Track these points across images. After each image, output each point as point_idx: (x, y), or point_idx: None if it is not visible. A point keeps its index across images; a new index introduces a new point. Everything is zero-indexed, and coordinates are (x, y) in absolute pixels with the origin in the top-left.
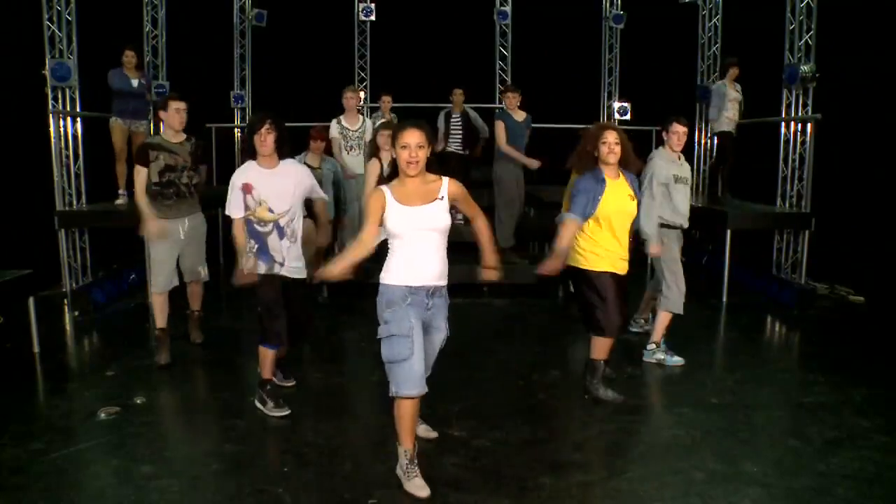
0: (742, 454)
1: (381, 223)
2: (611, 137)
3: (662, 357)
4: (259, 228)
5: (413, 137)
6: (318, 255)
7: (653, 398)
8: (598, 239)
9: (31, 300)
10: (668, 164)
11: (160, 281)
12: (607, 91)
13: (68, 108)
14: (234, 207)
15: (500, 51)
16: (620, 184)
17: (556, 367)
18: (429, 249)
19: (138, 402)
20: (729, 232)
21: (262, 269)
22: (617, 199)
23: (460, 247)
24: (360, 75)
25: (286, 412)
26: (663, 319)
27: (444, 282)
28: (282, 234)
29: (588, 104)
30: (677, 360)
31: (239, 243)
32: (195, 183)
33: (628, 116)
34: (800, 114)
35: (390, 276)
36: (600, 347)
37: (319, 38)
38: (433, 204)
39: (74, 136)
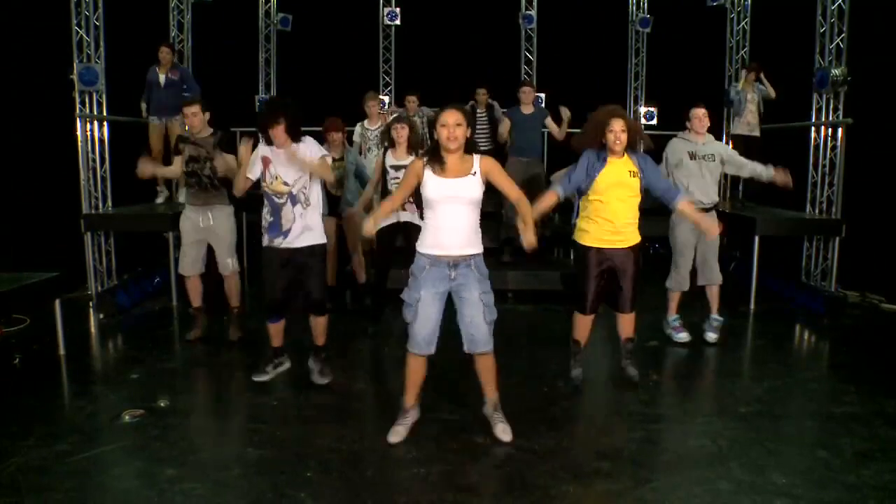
0: (770, 465)
1: (413, 191)
2: (617, 126)
3: (669, 332)
4: (276, 200)
5: (451, 117)
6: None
7: (679, 406)
8: (591, 212)
9: (57, 303)
10: (682, 142)
11: (183, 264)
12: (633, 95)
13: (95, 112)
14: (251, 168)
15: (526, 55)
16: (623, 161)
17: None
18: (456, 220)
19: (162, 404)
20: (757, 238)
21: (266, 241)
22: (616, 174)
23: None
24: (385, 80)
25: (262, 377)
26: (672, 297)
27: (469, 251)
28: (294, 201)
29: None
30: (682, 337)
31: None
32: (219, 176)
33: (655, 121)
34: (830, 118)
35: (420, 245)
36: (574, 324)
37: (344, 43)
38: (466, 178)
39: (101, 140)
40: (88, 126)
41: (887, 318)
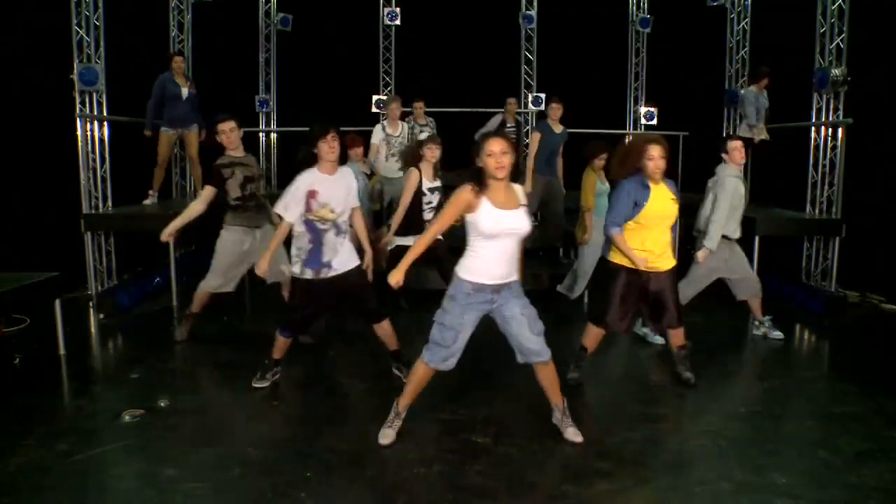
0: (770, 465)
1: (457, 220)
2: (656, 153)
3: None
4: (320, 226)
5: (497, 146)
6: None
7: (679, 407)
8: (628, 237)
9: (57, 302)
10: (738, 182)
11: (211, 281)
12: (634, 95)
13: (95, 112)
14: (290, 209)
15: (526, 55)
16: (661, 189)
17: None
18: (507, 251)
19: (162, 404)
20: (757, 238)
21: (309, 274)
22: (661, 204)
23: None
24: (385, 80)
25: (264, 384)
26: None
27: (514, 277)
28: (339, 231)
29: (614, 109)
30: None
31: (275, 243)
32: (267, 195)
33: (655, 121)
34: (830, 118)
35: (462, 270)
36: (586, 331)
37: (344, 43)
38: (518, 210)
39: (101, 140)
40: (88, 126)
41: (887, 318)
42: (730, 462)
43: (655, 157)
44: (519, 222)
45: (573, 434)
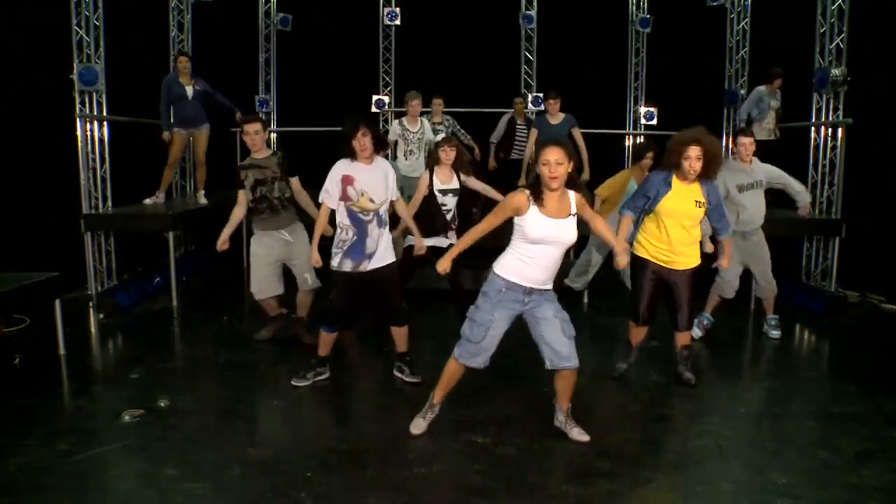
0: (770, 465)
1: (504, 222)
2: (693, 153)
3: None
4: (362, 217)
5: (553, 155)
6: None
7: (679, 406)
8: (648, 231)
9: (57, 302)
10: (731, 174)
11: (253, 287)
12: (634, 95)
13: (95, 112)
14: (330, 195)
15: (526, 55)
16: (691, 189)
17: (581, 374)
18: (550, 259)
19: (162, 404)
20: None
21: (348, 266)
22: (681, 201)
23: (478, 251)
24: (385, 80)
25: (303, 383)
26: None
27: (549, 286)
28: (381, 222)
29: (614, 109)
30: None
31: (318, 229)
32: (287, 196)
33: (655, 121)
34: (830, 118)
35: (500, 267)
36: (630, 331)
37: (344, 43)
38: (567, 219)
39: (101, 140)
40: (88, 126)
41: (887, 318)
42: (730, 462)
43: (692, 157)
44: (565, 231)
45: (579, 434)
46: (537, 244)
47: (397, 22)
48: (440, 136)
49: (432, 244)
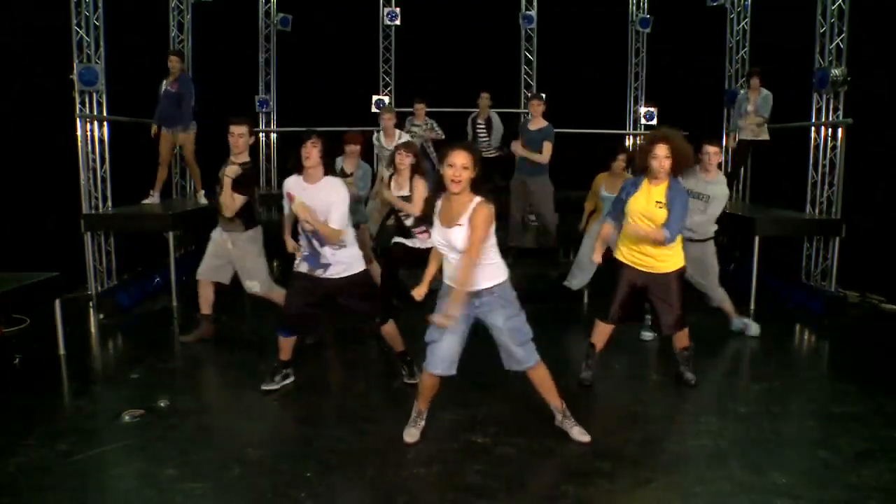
0: (770, 465)
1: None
2: (661, 152)
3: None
4: (309, 234)
5: (459, 158)
6: None
7: (679, 406)
8: (624, 235)
9: (57, 302)
10: (689, 177)
11: (199, 269)
12: (633, 95)
13: (95, 112)
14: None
15: (526, 55)
16: (657, 190)
17: (578, 374)
18: (452, 262)
19: (162, 404)
20: (757, 239)
21: (304, 268)
22: (642, 202)
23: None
24: (385, 80)
25: (272, 387)
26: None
27: (485, 285)
28: (322, 242)
29: (614, 109)
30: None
31: (286, 221)
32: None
33: (655, 122)
34: (830, 118)
35: (443, 272)
36: (595, 328)
37: (344, 43)
38: (454, 229)
39: (101, 140)
40: (88, 126)
41: (887, 318)
42: (729, 462)
43: (660, 156)
44: (451, 239)
45: (579, 434)
46: (439, 248)
47: (397, 22)
48: (404, 138)
49: (409, 244)
